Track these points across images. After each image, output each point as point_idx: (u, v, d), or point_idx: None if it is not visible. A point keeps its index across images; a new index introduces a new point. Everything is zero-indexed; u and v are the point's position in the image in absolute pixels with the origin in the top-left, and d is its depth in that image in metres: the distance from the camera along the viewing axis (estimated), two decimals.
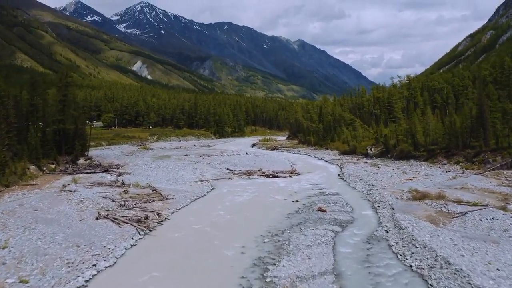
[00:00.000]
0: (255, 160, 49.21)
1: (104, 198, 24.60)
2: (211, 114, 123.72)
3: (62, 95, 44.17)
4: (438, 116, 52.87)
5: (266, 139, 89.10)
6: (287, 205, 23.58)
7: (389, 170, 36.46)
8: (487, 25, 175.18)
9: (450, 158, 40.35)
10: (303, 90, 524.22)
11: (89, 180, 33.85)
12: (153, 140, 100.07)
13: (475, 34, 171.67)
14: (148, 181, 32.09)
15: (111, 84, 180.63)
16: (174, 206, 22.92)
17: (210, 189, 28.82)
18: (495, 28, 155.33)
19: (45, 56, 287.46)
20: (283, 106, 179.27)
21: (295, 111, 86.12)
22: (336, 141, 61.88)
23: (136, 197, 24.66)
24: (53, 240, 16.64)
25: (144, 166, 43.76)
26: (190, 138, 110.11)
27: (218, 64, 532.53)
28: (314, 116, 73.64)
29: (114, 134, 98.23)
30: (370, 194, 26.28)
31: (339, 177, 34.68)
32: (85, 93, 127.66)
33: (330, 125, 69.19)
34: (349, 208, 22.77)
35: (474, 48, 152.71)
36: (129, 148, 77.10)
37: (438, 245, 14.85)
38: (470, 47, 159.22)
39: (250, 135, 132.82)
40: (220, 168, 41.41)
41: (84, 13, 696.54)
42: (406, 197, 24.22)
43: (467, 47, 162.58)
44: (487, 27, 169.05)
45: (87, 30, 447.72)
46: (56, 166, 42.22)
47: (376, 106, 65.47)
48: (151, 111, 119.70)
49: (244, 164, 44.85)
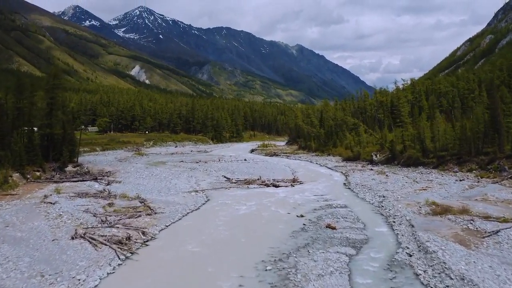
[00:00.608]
0: (254, 167, 46.60)
1: (85, 212, 21.92)
2: (208, 118, 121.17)
3: (49, 98, 41.52)
4: (445, 121, 50.53)
5: (265, 144, 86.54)
6: (291, 220, 20.92)
7: (398, 178, 33.88)
8: (486, 30, 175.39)
9: (462, 165, 37.82)
10: (302, 95, 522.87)
11: (74, 190, 31.20)
12: (149, 146, 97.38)
13: (474, 39, 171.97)
14: (138, 191, 29.45)
15: (107, 89, 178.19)
16: (163, 222, 20.25)
17: (204, 201, 26.15)
18: (495, 33, 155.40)
19: (42, 61, 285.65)
20: (282, 111, 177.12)
21: (295, 115, 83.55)
22: (338, 147, 59.38)
23: (121, 211, 21.99)
24: (16, 267, 13.96)
25: (136, 174, 41.10)
26: (187, 143, 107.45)
27: (217, 69, 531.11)
28: (314, 120, 71.09)
29: (109, 139, 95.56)
30: (382, 207, 23.68)
31: (345, 187, 32.06)
32: (80, 97, 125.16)
33: (331, 130, 66.73)
34: (361, 224, 20.15)
35: (473, 52, 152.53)
36: (123, 154, 74.39)
37: (478, 276, 12.21)
38: (470, 51, 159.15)
39: (249, 140, 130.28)
40: (216, 176, 38.75)
41: (82, 17, 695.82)
42: (425, 211, 21.61)
43: (466, 52, 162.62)
44: (486, 32, 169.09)
45: (85, 35, 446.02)
46: (42, 173, 39.56)
47: (379, 110, 63.06)
48: (148, 116, 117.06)
49: (243, 171, 42.24)
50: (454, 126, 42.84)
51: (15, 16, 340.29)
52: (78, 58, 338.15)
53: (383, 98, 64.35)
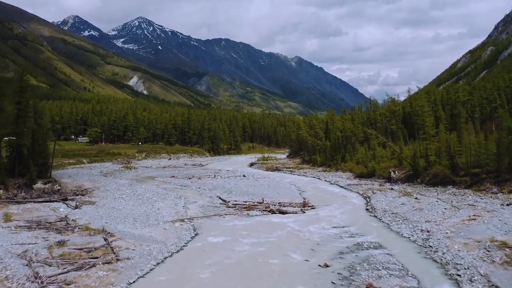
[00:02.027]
0: (255, 185, 40.27)
1: (19, 256, 15.56)
2: (205, 129, 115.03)
3: (15, 103, 35.40)
4: (468, 132, 44.67)
5: (265, 157, 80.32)
6: (312, 274, 14.55)
7: (432, 202, 27.62)
8: (487, 41, 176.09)
9: (502, 185, 31.70)
10: (301, 106, 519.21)
11: (30, 215, 24.96)
12: (141, 158, 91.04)
13: (475, 51, 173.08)
14: (110, 218, 23.18)
15: (102, 98, 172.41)
16: (125, 277, 13.90)
17: (191, 236, 19.77)
18: (496, 44, 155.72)
19: (39, 70, 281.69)
20: (282, 122, 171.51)
21: (297, 126, 77.42)
22: (348, 161, 53.25)
23: (70, 255, 15.64)
24: None
25: (116, 193, 34.80)
26: (182, 155, 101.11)
27: (215, 80, 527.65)
28: (320, 132, 64.98)
29: (98, 150, 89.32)
30: (431, 248, 17.42)
31: (370, 214, 25.78)
32: (71, 106, 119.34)
33: (339, 143, 60.70)
34: (412, 279, 13.88)
35: (474, 64, 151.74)
36: (111, 167, 68.06)
37: None
38: (471, 63, 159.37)
39: (247, 152, 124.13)
40: (210, 197, 32.43)
41: (81, 27, 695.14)
42: (498, 257, 15.36)
43: (467, 63, 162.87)
44: (487, 43, 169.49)
45: (84, 45, 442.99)
46: (4, 191, 33.24)
47: (392, 121, 57.17)
48: (141, 126, 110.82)
49: (241, 190, 35.95)
50: (487, 139, 36.90)
51: (13, 25, 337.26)
52: (75, 67, 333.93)
53: (396, 108, 58.55)
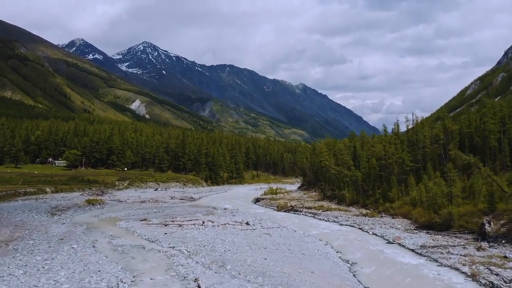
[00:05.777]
0: (266, 246, 24.03)
1: None
2: (202, 154, 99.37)
3: None
4: None
5: (274, 190, 64.33)
6: None
7: None
8: (496, 68, 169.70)
9: None
10: (306, 133, 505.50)
11: None
12: (122, 187, 75.14)
13: (485, 77, 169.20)
14: None
15: (95, 118, 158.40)
16: None
17: None
18: (507, 71, 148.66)
19: (38, 90, 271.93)
20: (289, 148, 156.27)
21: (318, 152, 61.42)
22: (396, 201, 37.38)
23: None
24: None
25: (22, 258, 19.04)
26: (173, 184, 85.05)
27: (219, 106, 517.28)
28: (348, 160, 49.16)
29: (70, 177, 73.65)
30: None
31: None
32: (49, 124, 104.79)
33: (375, 173, 45.04)
34: None
35: (485, 90, 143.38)
36: (74, 200, 52.32)
37: None
38: (481, 90, 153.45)
39: (251, 182, 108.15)
40: (183, 278, 16.46)
41: (86, 51, 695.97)
42: None
43: (477, 91, 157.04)
44: (497, 70, 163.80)
45: (87, 67, 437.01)
46: None
47: (450, 144, 41.63)
48: (128, 149, 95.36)
49: (243, 262, 19.82)
50: None
51: (14, 45, 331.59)
52: (76, 89, 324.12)
53: (455, 127, 43.24)
